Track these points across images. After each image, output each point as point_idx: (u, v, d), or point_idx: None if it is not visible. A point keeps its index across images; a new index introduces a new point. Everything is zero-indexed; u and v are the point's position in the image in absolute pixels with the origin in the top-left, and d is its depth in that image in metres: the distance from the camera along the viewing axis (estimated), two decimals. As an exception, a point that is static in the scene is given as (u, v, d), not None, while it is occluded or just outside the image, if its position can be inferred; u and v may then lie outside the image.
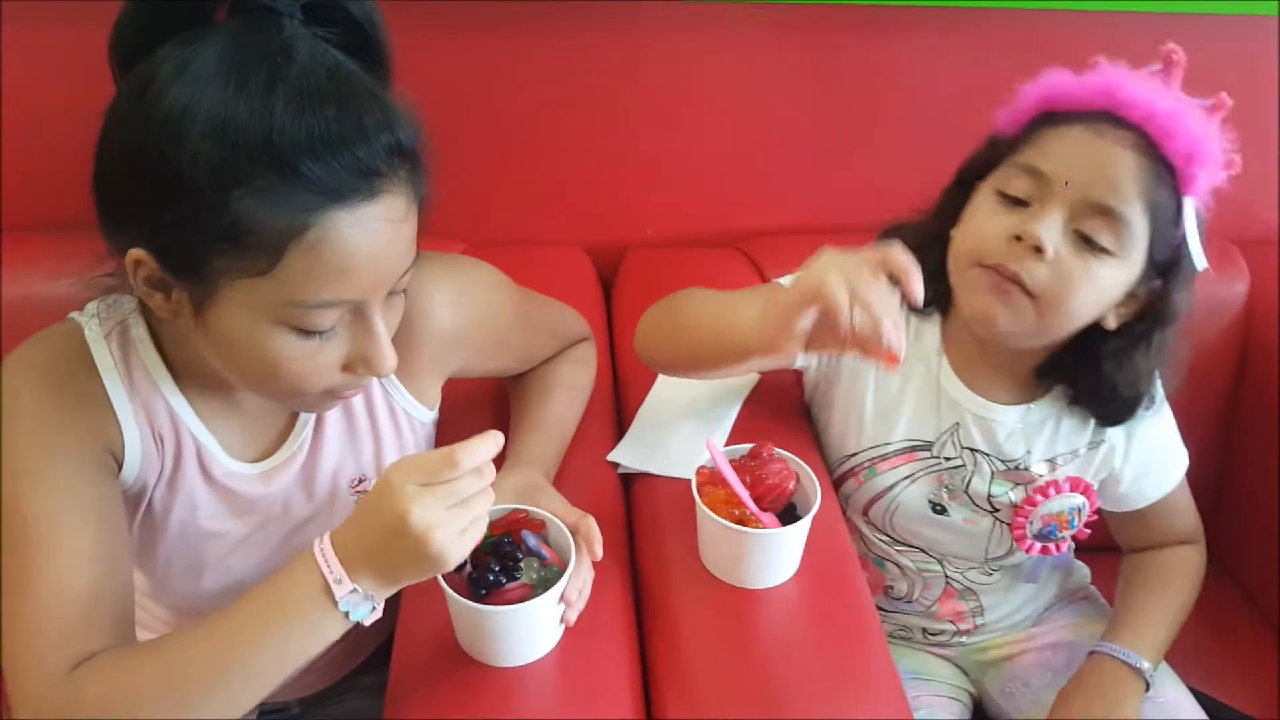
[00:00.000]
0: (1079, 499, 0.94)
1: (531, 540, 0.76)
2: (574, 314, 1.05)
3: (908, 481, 0.97)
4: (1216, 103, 0.83)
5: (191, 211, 0.61)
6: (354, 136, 0.62)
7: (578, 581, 0.75)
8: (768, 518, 0.81)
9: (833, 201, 0.95)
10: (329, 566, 0.63)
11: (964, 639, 1.04)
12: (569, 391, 0.98)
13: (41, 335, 0.75)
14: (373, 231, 0.64)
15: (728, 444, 0.96)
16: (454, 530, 0.62)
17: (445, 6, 1.16)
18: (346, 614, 0.64)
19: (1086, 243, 0.80)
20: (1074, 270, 0.80)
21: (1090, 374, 0.89)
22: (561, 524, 0.77)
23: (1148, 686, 0.93)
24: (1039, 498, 0.93)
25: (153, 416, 0.75)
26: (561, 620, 0.76)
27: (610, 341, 1.19)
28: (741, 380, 1.06)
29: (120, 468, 0.74)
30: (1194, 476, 1.02)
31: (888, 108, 1.28)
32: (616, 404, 1.10)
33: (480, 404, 1.04)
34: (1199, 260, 0.82)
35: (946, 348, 0.95)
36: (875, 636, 0.81)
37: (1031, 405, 0.93)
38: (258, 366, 0.68)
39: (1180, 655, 1.02)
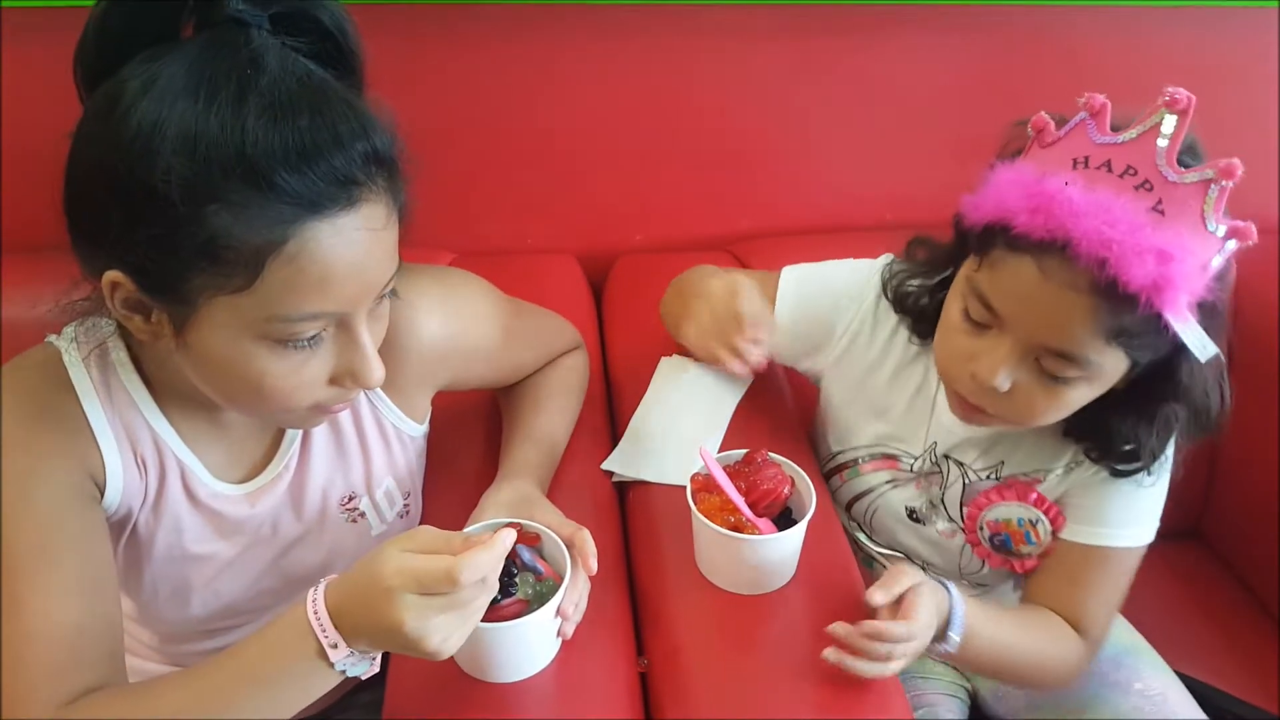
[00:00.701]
0: (1033, 512, 0.91)
1: (526, 555, 0.76)
2: (564, 323, 1.05)
3: (889, 486, 0.97)
4: (1221, 172, 0.70)
5: (166, 229, 0.60)
6: (329, 145, 0.61)
7: (574, 595, 0.75)
8: (763, 523, 0.81)
9: (822, 203, 0.95)
10: (324, 631, 0.62)
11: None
12: (561, 401, 0.98)
13: (19, 361, 0.73)
14: (353, 241, 0.63)
15: (721, 449, 0.96)
16: (452, 633, 0.62)
17: (431, 13, 1.15)
18: (344, 671, 0.63)
19: (1047, 375, 0.77)
20: (1036, 398, 0.78)
21: (1093, 420, 0.83)
22: (556, 537, 0.77)
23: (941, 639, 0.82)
24: (984, 500, 0.92)
25: (135, 440, 0.75)
26: (559, 634, 0.76)
27: (602, 348, 1.19)
28: (734, 385, 1.06)
29: (103, 493, 0.73)
30: (1186, 466, 1.01)
31: (877, 108, 1.28)
32: (609, 411, 1.09)
33: (471, 416, 1.04)
34: (1202, 355, 0.74)
35: None
36: (873, 639, 0.81)
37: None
38: (242, 384, 0.67)
39: (1175, 643, 1.02)
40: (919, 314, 0.92)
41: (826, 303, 0.99)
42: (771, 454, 0.86)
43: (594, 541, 0.78)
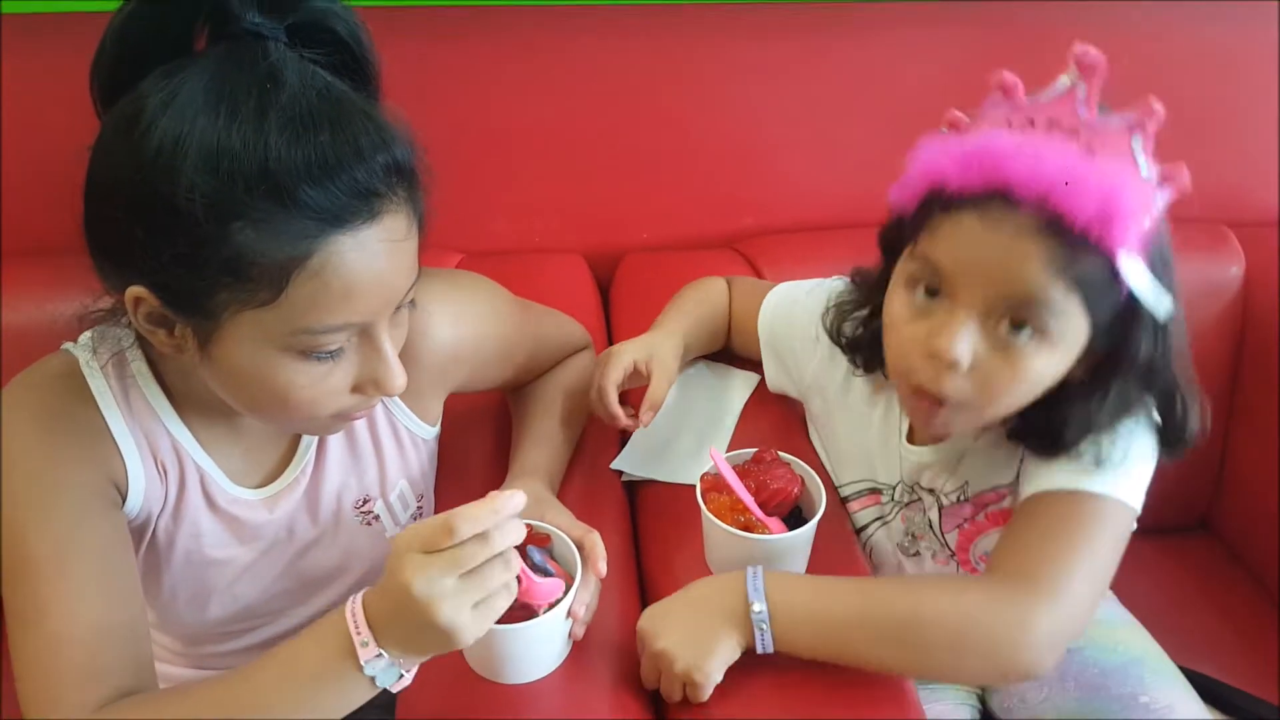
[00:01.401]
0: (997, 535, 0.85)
1: (537, 556, 0.76)
2: (572, 322, 1.05)
3: (879, 524, 0.96)
4: (1141, 112, 0.68)
5: (191, 246, 0.60)
6: (350, 159, 0.61)
7: (584, 596, 0.75)
8: (773, 523, 0.82)
9: (828, 200, 0.95)
10: (357, 628, 0.61)
11: None
12: (570, 401, 0.98)
13: (36, 369, 0.74)
14: (375, 253, 0.64)
15: (730, 448, 0.96)
16: (464, 603, 0.59)
17: (437, 15, 1.15)
18: (373, 679, 0.62)
19: (1007, 339, 0.72)
20: (997, 372, 0.72)
21: (1043, 413, 0.78)
22: (567, 538, 0.77)
23: None
24: (973, 532, 0.90)
25: (155, 446, 0.75)
26: (570, 635, 0.76)
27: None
28: (743, 384, 1.06)
29: (124, 499, 0.74)
30: (1192, 459, 0.99)
31: (881, 105, 1.28)
32: (618, 410, 1.10)
33: (481, 417, 1.04)
34: (1160, 306, 0.72)
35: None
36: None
37: (966, 440, 0.87)
38: (268, 396, 0.67)
39: (1183, 636, 1.01)
40: (863, 348, 0.89)
41: (796, 334, 0.99)
42: (781, 453, 0.86)
43: (604, 543, 0.79)
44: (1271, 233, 1.35)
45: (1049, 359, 0.73)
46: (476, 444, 1.01)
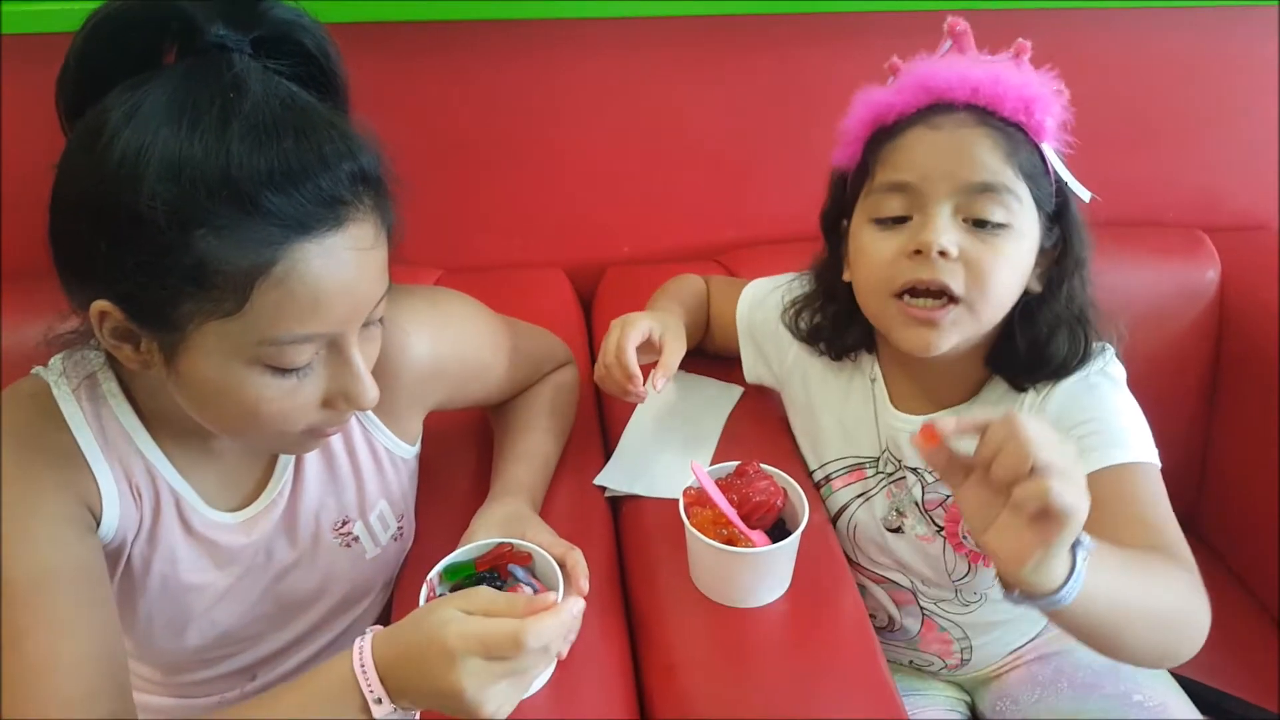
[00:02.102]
0: None
1: (520, 573, 0.76)
2: (554, 339, 1.05)
3: (861, 499, 0.96)
4: (1017, 48, 0.83)
5: (153, 255, 0.59)
6: (315, 166, 0.61)
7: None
8: (757, 535, 0.81)
9: (808, 211, 0.95)
10: (369, 686, 0.60)
11: (954, 672, 1.03)
12: (552, 418, 0.98)
13: (7, 394, 0.73)
14: (342, 261, 0.63)
15: (714, 461, 0.96)
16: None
17: (415, 31, 1.15)
18: None
19: (981, 226, 0.79)
20: (983, 257, 0.79)
21: (1027, 338, 0.84)
22: (549, 556, 0.77)
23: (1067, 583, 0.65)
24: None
25: (129, 470, 0.74)
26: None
27: (592, 361, 1.18)
28: (725, 397, 1.06)
29: (99, 523, 0.73)
30: (1176, 462, 0.99)
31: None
32: (601, 425, 1.09)
33: (463, 435, 1.04)
34: (1082, 193, 0.82)
35: (885, 371, 0.94)
36: (871, 648, 0.81)
37: (961, 407, 0.90)
38: (236, 410, 0.66)
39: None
40: (824, 334, 0.95)
41: (773, 319, 1.01)
42: (764, 465, 0.86)
43: (587, 559, 0.78)
44: (1247, 237, 1.37)
45: (1018, 245, 0.81)
46: (458, 462, 1.00)
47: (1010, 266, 0.80)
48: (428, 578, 0.77)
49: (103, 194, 0.60)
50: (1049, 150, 0.81)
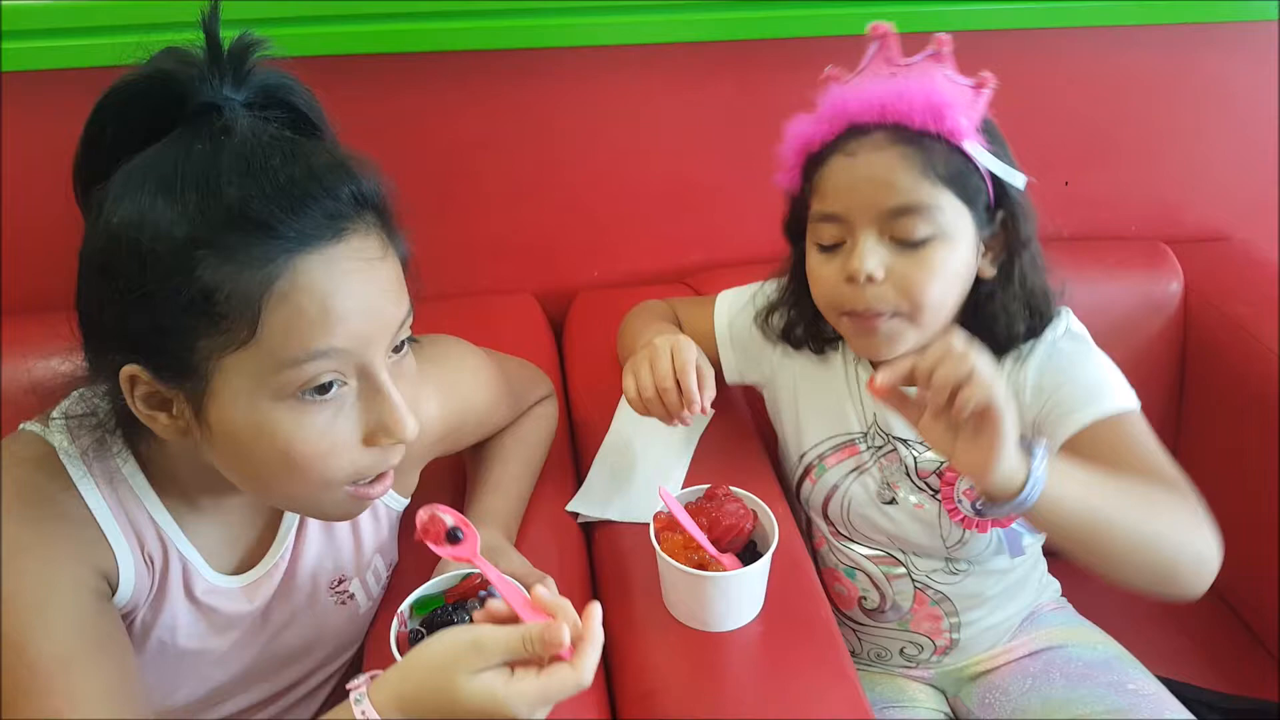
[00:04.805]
0: None
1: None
2: (538, 373, 1.05)
3: (855, 474, 0.98)
4: (936, 42, 0.83)
5: (160, 288, 0.59)
6: (312, 186, 0.61)
7: (539, 644, 0.74)
8: (728, 559, 0.81)
9: (772, 233, 0.97)
10: None
11: (942, 658, 1.04)
12: (527, 449, 0.98)
13: (7, 458, 0.69)
14: (346, 270, 0.62)
15: (686, 484, 0.96)
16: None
17: (379, 62, 1.15)
18: None
19: (906, 244, 0.82)
20: (911, 272, 0.82)
21: (988, 317, 0.88)
22: (521, 587, 0.76)
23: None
24: (953, 474, 0.93)
25: (142, 536, 0.72)
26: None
27: (564, 386, 1.19)
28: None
29: (114, 592, 0.70)
30: None
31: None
32: (573, 450, 1.09)
33: (437, 466, 1.02)
34: (1018, 180, 0.84)
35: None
36: (844, 670, 0.81)
37: None
38: (273, 455, 0.64)
39: (1145, 647, 1.02)
40: (798, 333, 0.99)
41: (756, 326, 1.03)
42: (734, 488, 0.86)
43: (560, 586, 0.78)
44: (1208, 248, 1.39)
45: (950, 251, 0.83)
46: (433, 495, 0.99)
47: (941, 275, 0.83)
48: (399, 610, 0.76)
49: (109, 251, 0.61)
50: (973, 147, 0.82)
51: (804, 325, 0.98)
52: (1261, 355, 1.19)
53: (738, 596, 0.82)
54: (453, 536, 0.70)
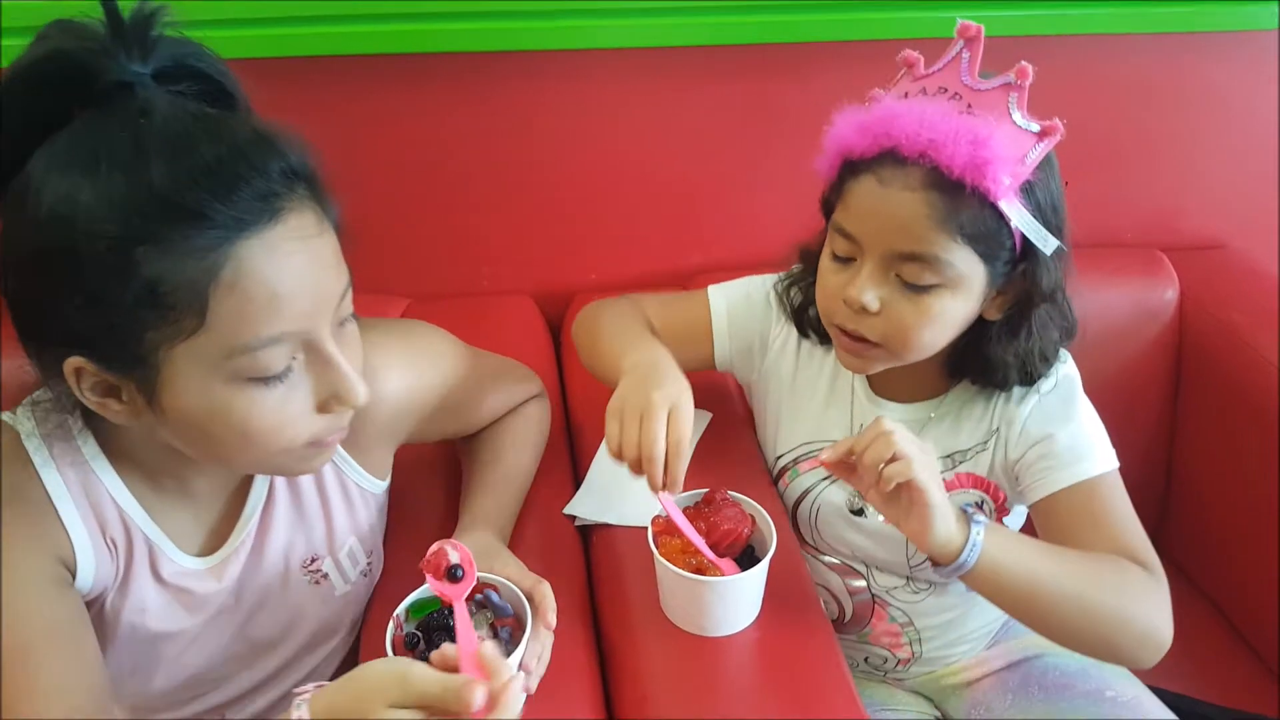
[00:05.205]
0: (974, 494, 0.93)
1: (496, 598, 0.76)
2: (525, 370, 1.04)
3: (827, 482, 0.98)
4: (1017, 74, 0.78)
5: (103, 287, 0.59)
6: (241, 166, 0.61)
7: (536, 648, 0.74)
8: (725, 564, 0.81)
9: (772, 237, 0.97)
10: None
11: (908, 668, 1.04)
12: (521, 450, 0.97)
13: None
14: (288, 253, 0.63)
15: (684, 488, 0.96)
16: None
17: (377, 63, 1.15)
18: None
19: (910, 286, 0.81)
20: (904, 315, 0.82)
21: (983, 359, 0.88)
22: (516, 589, 0.76)
23: (958, 560, 0.76)
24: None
25: (104, 521, 0.72)
26: (523, 688, 0.74)
27: (561, 388, 1.19)
28: (695, 423, 1.06)
29: (74, 578, 0.71)
30: (1139, 480, 1.01)
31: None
32: (571, 452, 1.09)
33: (431, 468, 1.03)
34: (1045, 247, 0.80)
35: None
36: (840, 675, 0.81)
37: (933, 402, 0.94)
38: (230, 435, 0.65)
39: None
40: (811, 315, 0.96)
41: (757, 313, 1.02)
42: (731, 493, 0.86)
43: (557, 589, 0.78)
44: (1203, 256, 1.39)
45: (952, 301, 0.82)
46: (426, 495, 1.00)
47: (936, 322, 0.83)
48: (394, 614, 0.76)
49: (41, 245, 0.60)
50: (1009, 206, 0.78)
51: (816, 310, 0.95)
52: (1257, 364, 1.19)
53: (735, 601, 0.82)
54: (452, 574, 0.72)
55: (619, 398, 0.83)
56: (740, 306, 1.03)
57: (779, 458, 1.01)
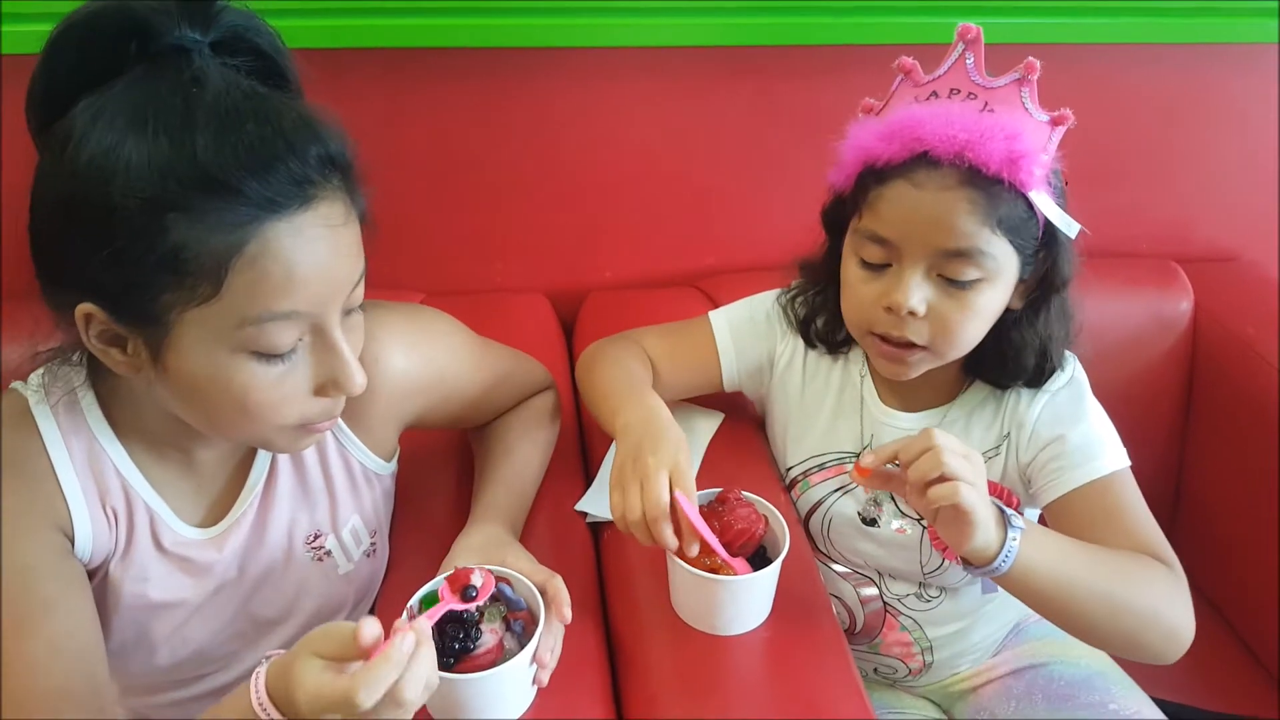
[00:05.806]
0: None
1: (509, 592, 0.76)
2: (534, 363, 1.04)
3: (839, 494, 0.98)
4: (1024, 69, 0.80)
5: (129, 244, 0.60)
6: (281, 148, 0.62)
7: (549, 642, 0.74)
8: (738, 563, 0.81)
9: (788, 239, 0.97)
10: (264, 710, 0.59)
11: (919, 678, 1.04)
12: (532, 443, 0.97)
13: None
14: (312, 238, 0.64)
15: (696, 487, 0.96)
16: None
17: (398, 57, 1.16)
18: None
19: (953, 283, 0.82)
20: (950, 312, 0.83)
21: (1004, 349, 0.89)
22: (529, 583, 0.76)
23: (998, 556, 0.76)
24: None
25: (104, 490, 0.74)
26: (534, 681, 0.75)
27: (574, 387, 1.18)
28: (707, 422, 1.06)
29: (73, 545, 0.72)
30: (1150, 489, 1.01)
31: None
32: (583, 451, 1.09)
33: (442, 458, 1.03)
34: (1070, 232, 0.83)
35: (873, 370, 0.98)
36: (849, 677, 0.81)
37: (942, 409, 0.94)
38: (227, 403, 0.67)
39: (1141, 667, 1.01)
40: (818, 327, 0.98)
41: (761, 331, 1.02)
42: (745, 493, 0.86)
43: (568, 585, 0.78)
44: (1218, 268, 1.39)
45: (992, 294, 0.83)
46: (437, 484, 1.00)
47: (978, 317, 0.84)
48: (408, 604, 0.76)
49: (75, 193, 0.61)
50: (1039, 196, 0.81)
51: (824, 322, 0.97)
52: (1269, 375, 1.19)
53: (747, 601, 0.82)
54: (466, 594, 0.72)
55: (617, 467, 0.83)
56: (744, 327, 1.03)
57: (789, 470, 1.01)
